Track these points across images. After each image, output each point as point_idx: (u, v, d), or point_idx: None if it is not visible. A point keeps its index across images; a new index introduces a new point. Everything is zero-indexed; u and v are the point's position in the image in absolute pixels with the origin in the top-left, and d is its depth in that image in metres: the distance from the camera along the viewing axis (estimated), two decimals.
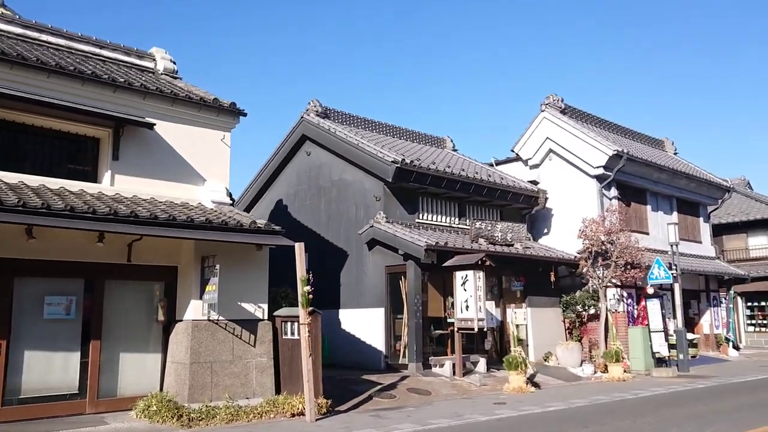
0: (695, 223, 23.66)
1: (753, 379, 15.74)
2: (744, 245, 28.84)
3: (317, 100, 18.48)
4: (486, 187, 17.56)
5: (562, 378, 15.45)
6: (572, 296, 17.74)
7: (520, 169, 21.19)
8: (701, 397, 12.37)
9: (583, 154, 19.35)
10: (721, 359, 21.32)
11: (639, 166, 19.97)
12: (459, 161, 20.07)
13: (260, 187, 19.93)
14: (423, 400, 11.95)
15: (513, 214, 19.14)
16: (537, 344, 17.65)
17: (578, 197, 19.34)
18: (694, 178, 22.41)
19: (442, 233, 16.50)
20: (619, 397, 12.24)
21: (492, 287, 17.35)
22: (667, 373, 16.47)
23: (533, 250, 17.44)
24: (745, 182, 38.94)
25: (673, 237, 18.26)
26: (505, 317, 17.32)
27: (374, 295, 15.79)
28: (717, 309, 23.41)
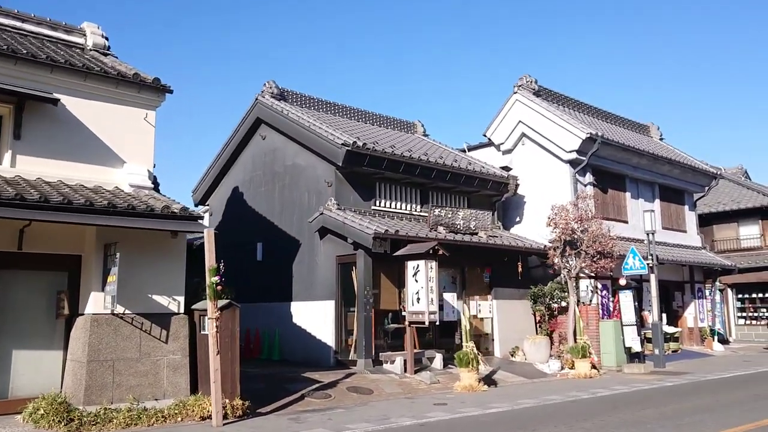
0: (680, 212, 22.59)
1: (728, 376, 14.75)
2: (735, 235, 27.77)
3: (273, 82, 17.50)
4: (449, 172, 16.55)
5: (525, 375, 14.49)
6: (540, 288, 16.73)
7: (493, 155, 20.17)
8: (661, 397, 11.39)
9: (556, 137, 18.31)
10: (705, 354, 20.32)
11: (616, 151, 18.91)
12: (426, 146, 19.07)
13: (217, 173, 18.98)
14: (360, 401, 11.01)
15: (482, 202, 18.13)
16: (503, 338, 16.69)
17: (551, 183, 18.32)
18: (678, 164, 21.32)
19: (400, 221, 15.54)
20: (573, 397, 11.28)
21: (454, 278, 16.41)
22: (639, 370, 15.49)
23: (500, 239, 16.44)
24: (742, 171, 37.85)
25: (650, 225, 17.22)
26: (468, 310, 16.34)
27: (325, 286, 14.86)
28: (702, 301, 22.38)
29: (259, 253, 16.97)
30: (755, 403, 10.20)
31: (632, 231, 19.92)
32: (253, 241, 17.14)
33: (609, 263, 16.07)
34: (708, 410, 9.62)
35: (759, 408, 9.63)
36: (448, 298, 15.66)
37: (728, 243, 27.79)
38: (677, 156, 22.05)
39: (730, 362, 17.92)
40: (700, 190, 23.33)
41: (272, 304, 16.19)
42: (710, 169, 22.89)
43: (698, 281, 22.38)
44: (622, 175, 19.92)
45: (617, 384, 13.07)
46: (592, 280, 17.46)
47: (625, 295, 16.30)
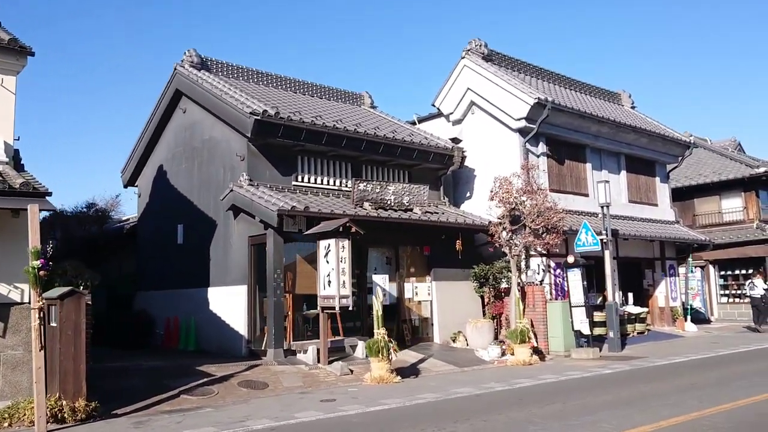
0: (650, 184, 21.11)
1: (681, 360, 13.44)
2: (717, 208, 26.26)
3: (194, 50, 16.12)
4: (382, 144, 15.18)
5: (458, 363, 13.22)
6: (482, 267, 15.37)
7: (443, 127, 18.77)
8: (583, 389, 10.11)
9: (504, 104, 16.88)
10: (674, 336, 18.96)
11: (571, 118, 17.44)
12: (371, 118, 17.70)
13: (142, 151, 17.68)
14: (244, 397, 9.78)
15: (425, 176, 16.74)
16: (443, 323, 15.42)
17: (502, 155, 16.91)
18: (644, 132, 19.80)
19: (326, 197, 14.23)
20: (486, 390, 10.00)
21: (389, 259, 15.12)
22: (587, 355, 14.18)
23: (438, 216, 15.09)
24: (736, 144, 36.36)
25: (604, 197, 15.80)
26: (402, 293, 15.06)
27: (238, 270, 13.61)
28: (674, 279, 20.96)
29: (180, 236, 15.72)
30: (682, 395, 8.88)
31: (594, 205, 18.44)
32: (174, 224, 15.89)
33: (555, 239, 14.70)
34: (623, 404, 8.31)
35: (682, 402, 8.32)
36: (378, 280, 14.35)
37: (710, 217, 26.30)
38: (644, 124, 20.54)
39: (696, 345, 16.57)
40: (673, 161, 21.81)
41: (191, 290, 14.98)
42: (682, 137, 21.36)
43: (670, 258, 20.96)
44: (582, 144, 18.47)
45: (550, 373, 11.78)
46: (543, 258, 16.13)
47: (574, 273, 14.92)
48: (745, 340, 17.39)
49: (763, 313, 20.33)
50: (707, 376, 10.90)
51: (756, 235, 24.14)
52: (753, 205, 25.25)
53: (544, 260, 16.21)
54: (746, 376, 10.53)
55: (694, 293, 25.31)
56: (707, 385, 9.71)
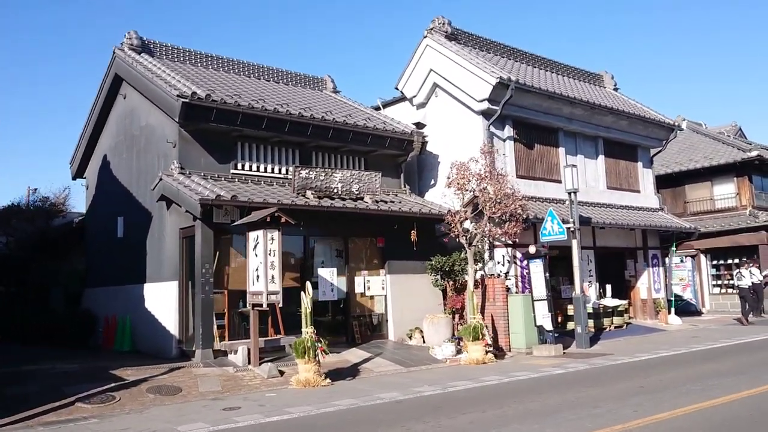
0: (631, 169, 19.99)
1: (650, 358, 12.44)
2: (709, 195, 25.08)
3: (134, 32, 15.21)
4: (331, 128, 14.21)
5: (405, 362, 12.26)
6: (438, 258, 14.35)
7: (408, 111, 17.75)
8: (521, 393, 9.14)
9: (467, 85, 15.85)
10: (655, 329, 17.90)
11: (540, 99, 16.37)
12: (330, 103, 16.78)
13: (88, 140, 16.83)
14: (147, 405, 8.88)
15: (384, 163, 15.79)
16: (399, 319, 14.48)
17: (466, 139, 15.88)
18: (623, 114, 18.66)
19: (269, 186, 13.29)
20: (413, 395, 9.05)
21: (340, 252, 14.19)
22: (548, 352, 13.19)
23: (390, 205, 14.12)
24: (737, 128, 35.24)
25: (571, 183, 14.75)
26: (353, 288, 14.11)
27: (171, 265, 12.74)
28: (657, 269, 19.86)
29: (120, 229, 14.86)
30: (621, 402, 7.89)
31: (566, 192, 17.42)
32: (116, 216, 15.04)
33: (514, 228, 13.69)
34: (545, 414, 7.33)
35: (616, 411, 7.34)
36: (324, 274, 13.46)
37: (701, 204, 25.14)
38: (625, 105, 19.40)
39: (674, 340, 15.53)
40: (657, 145, 20.66)
41: (129, 287, 14.14)
42: (666, 120, 20.19)
43: (653, 247, 19.85)
44: (554, 128, 17.38)
45: (496, 373, 10.80)
46: (509, 249, 15.14)
47: (536, 265, 13.88)
48: (729, 333, 16.32)
49: (751, 304, 19.24)
50: (663, 377, 9.89)
51: (748, 223, 22.98)
52: (746, 191, 24.06)
53: (509, 251, 15.23)
54: (703, 378, 9.52)
55: (685, 284, 24.31)
56: (656, 389, 8.71)
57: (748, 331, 16.98)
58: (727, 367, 10.68)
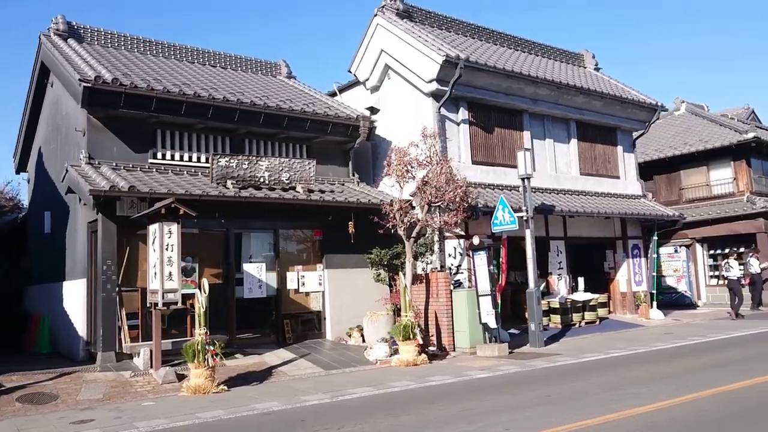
0: (610, 153, 18.66)
1: (597, 358, 11.33)
2: (705, 180, 23.56)
3: (62, 17, 14.43)
4: (262, 114, 13.28)
5: (333, 364, 11.30)
6: (377, 251, 13.28)
7: (362, 95, 16.72)
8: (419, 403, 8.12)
9: (416, 65, 14.76)
10: (633, 325, 16.65)
11: (497, 78, 15.19)
12: (282, 89, 15.95)
13: (25, 132, 16.16)
14: (8, 416, 8.06)
15: (330, 150, 14.84)
16: (338, 317, 13.53)
17: (418, 123, 14.74)
18: (596, 94, 17.35)
19: (194, 176, 12.42)
20: (295, 405, 8.08)
21: (273, 245, 13.28)
22: (491, 352, 12.10)
23: (328, 195, 13.13)
24: (749, 111, 33.54)
25: (524, 168, 13.57)
26: (284, 284, 13.17)
27: (81, 261, 11.95)
28: (638, 261, 18.54)
29: (47, 224, 14.14)
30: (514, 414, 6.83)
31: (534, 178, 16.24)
32: (42, 211, 14.32)
33: (454, 218, 12.61)
34: (408, 429, 6.31)
35: (490, 426, 6.28)
36: (251, 269, 12.57)
37: (697, 190, 23.64)
38: (601, 85, 18.08)
39: (644, 337, 14.30)
40: (639, 127, 19.28)
41: (52, 284, 13.43)
42: (646, 99, 18.78)
43: (633, 237, 18.52)
44: (518, 110, 16.19)
45: (414, 378, 9.77)
46: (461, 240, 14.06)
47: (480, 257, 12.73)
48: (708, 330, 15.04)
49: (740, 297, 17.84)
50: (587, 383, 8.78)
51: (745, 210, 21.46)
52: (743, 176, 22.52)
53: (461, 242, 14.15)
54: (631, 384, 8.42)
55: (680, 275, 22.92)
56: (565, 399, 7.63)
57: (733, 326, 15.66)
58: (670, 370, 9.52)
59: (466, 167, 14.82)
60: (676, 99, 27.68)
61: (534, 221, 13.55)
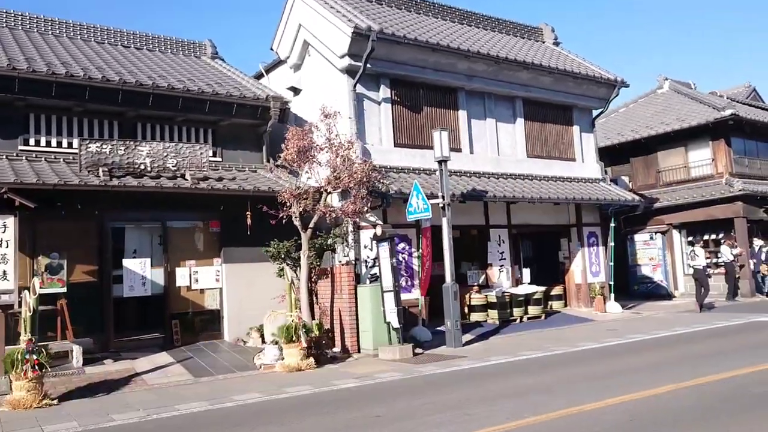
0: (564, 134, 17.22)
1: (502, 362, 10.05)
2: (682, 162, 21.93)
3: None
4: (150, 95, 12.13)
5: (211, 371, 10.17)
6: (276, 243, 12.01)
7: (287, 75, 15.50)
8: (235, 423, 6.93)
9: (329, 39, 13.52)
10: (584, 319, 15.30)
11: (422, 53, 13.87)
12: (201, 71, 14.81)
13: None
14: None
15: (241, 134, 13.70)
16: (238, 316, 12.42)
17: (336, 103, 13.54)
18: (545, 69, 15.89)
19: (68, 165, 11.31)
20: (99, 424, 6.95)
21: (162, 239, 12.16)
22: (393, 355, 10.89)
23: (212, 183, 11.92)
24: (750, 90, 31.80)
25: (440, 151, 12.24)
26: (173, 281, 12.05)
27: None
28: (596, 249, 17.13)
29: None
30: None
31: (471, 162, 14.98)
32: None
33: (352, 205, 11.37)
34: None
35: None
36: (132, 265, 11.50)
37: (675, 173, 22.04)
38: (551, 60, 16.60)
39: (584, 334, 12.97)
40: (599, 105, 17.79)
41: None
42: (604, 74, 17.28)
43: (589, 224, 17.10)
44: (451, 87, 14.85)
45: (275, 389, 8.61)
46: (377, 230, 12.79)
47: (383, 249, 11.48)
48: (661, 325, 13.66)
49: (706, 288, 16.39)
50: (460, 394, 7.53)
51: (722, 193, 19.86)
52: (722, 156, 20.89)
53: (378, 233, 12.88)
54: (513, 397, 7.15)
55: (655, 264, 21.42)
56: (396, 418, 6.40)
57: (692, 320, 14.29)
58: (562, 378, 8.24)
59: (387, 151, 13.61)
60: (659, 76, 26.02)
61: (469, 208, 12.29)
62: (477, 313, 14.60)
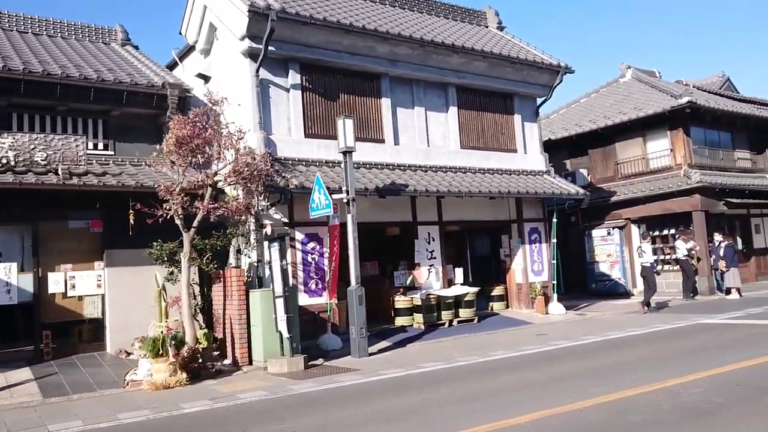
0: (504, 124, 16.09)
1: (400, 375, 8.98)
2: (641, 153, 20.87)
3: None
4: (21, 81, 10.93)
5: (67, 389, 8.99)
6: (160, 244, 10.78)
7: (199, 61, 14.33)
8: None
9: (230, 20, 12.37)
10: (521, 322, 14.23)
11: (335, 35, 12.73)
12: (103, 57, 13.58)
13: None
14: None
15: (141, 125, 12.49)
16: (123, 325, 11.25)
17: (238, 90, 12.45)
18: (478, 54, 14.75)
19: None
20: None
21: (33, 241, 10.97)
22: (280, 368, 9.76)
23: (83, 178, 10.71)
24: (724, 80, 30.97)
25: (344, 141, 11.11)
26: (45, 288, 10.87)
27: None
28: (539, 246, 16.04)
29: None
30: None
31: (396, 154, 13.85)
32: None
33: (235, 201, 10.22)
34: None
35: None
36: None
37: (634, 165, 20.99)
38: (488, 44, 15.45)
39: (508, 341, 11.89)
40: (543, 93, 16.67)
41: None
42: (546, 60, 16.15)
43: (531, 219, 15.99)
44: (373, 73, 13.72)
45: (110, 414, 7.46)
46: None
47: (274, 250, 10.33)
48: (597, 329, 12.61)
49: (653, 287, 15.34)
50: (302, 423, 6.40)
51: (679, 185, 18.82)
52: (681, 147, 19.83)
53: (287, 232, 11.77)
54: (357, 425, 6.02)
55: (613, 261, 20.38)
56: None
57: (634, 323, 13.23)
58: (429, 400, 7.15)
59: (296, 142, 12.50)
60: (622, 64, 24.94)
61: (394, 204, 11.21)
62: (402, 317, 13.51)
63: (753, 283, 21.28)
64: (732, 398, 6.23)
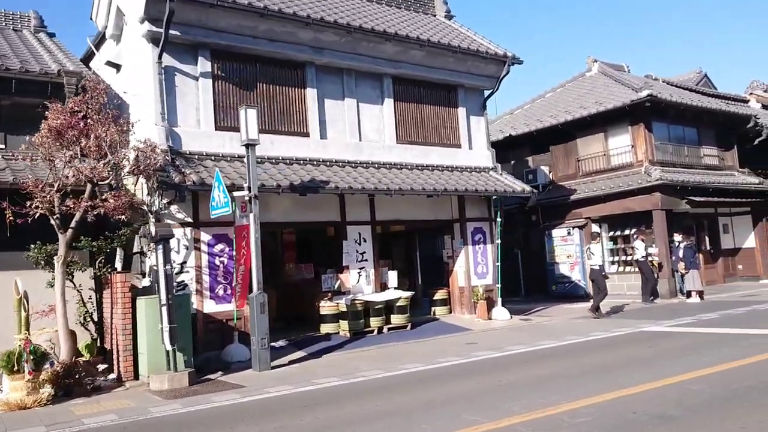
0: (447, 117, 15.12)
1: (286, 393, 7.94)
2: (602, 149, 19.96)
3: None
4: None
5: None
6: (37, 247, 9.73)
7: (111, 48, 13.32)
8: None
9: (129, 0, 11.34)
10: (458, 329, 13.29)
11: (247, 19, 11.73)
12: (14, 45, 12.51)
13: None
14: None
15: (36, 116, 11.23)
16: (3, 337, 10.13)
17: (143, 77, 11.46)
18: (415, 42, 13.78)
19: None
20: None
21: None
22: (161, 384, 8.76)
23: None
24: (701, 76, 30.23)
25: (246, 133, 10.11)
26: None
27: None
28: (483, 248, 15.08)
29: None
30: None
31: (323, 148, 12.87)
32: None
33: (113, 199, 9.21)
34: None
35: None
36: None
37: (595, 161, 20.10)
38: (420, 31, 14.45)
39: (434, 350, 10.93)
40: (490, 84, 15.69)
41: None
42: (489, 49, 15.18)
43: (475, 219, 15.01)
44: (295, 61, 12.72)
45: None
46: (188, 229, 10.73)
47: (159, 253, 9.30)
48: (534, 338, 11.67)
49: (603, 290, 14.42)
50: None
51: (639, 183, 17.93)
52: (642, 143, 18.93)
53: (189, 232, 10.81)
54: None
55: (573, 262, 19.47)
56: None
57: (578, 329, 12.32)
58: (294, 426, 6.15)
59: (205, 134, 11.52)
60: (588, 58, 24.02)
61: (320, 203, 10.26)
62: (328, 325, 12.55)
63: (720, 285, 20.45)
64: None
